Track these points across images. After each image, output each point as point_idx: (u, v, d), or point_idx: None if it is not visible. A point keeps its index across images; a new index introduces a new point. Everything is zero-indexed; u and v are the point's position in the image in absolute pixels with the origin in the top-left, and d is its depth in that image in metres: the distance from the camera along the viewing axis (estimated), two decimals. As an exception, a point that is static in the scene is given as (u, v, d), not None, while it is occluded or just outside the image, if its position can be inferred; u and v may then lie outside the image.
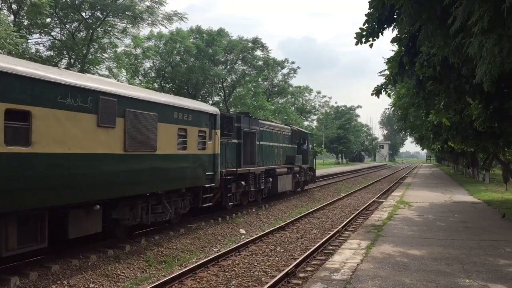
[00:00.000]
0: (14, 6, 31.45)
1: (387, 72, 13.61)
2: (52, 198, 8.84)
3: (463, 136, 19.85)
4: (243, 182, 18.46)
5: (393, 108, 25.34)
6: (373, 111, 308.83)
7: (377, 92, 12.63)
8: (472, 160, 40.75)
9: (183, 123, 13.37)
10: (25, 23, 32.94)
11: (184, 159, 13.52)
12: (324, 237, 13.64)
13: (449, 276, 7.98)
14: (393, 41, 10.90)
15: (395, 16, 9.77)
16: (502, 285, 7.39)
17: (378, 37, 10.41)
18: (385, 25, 10.20)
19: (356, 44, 10.49)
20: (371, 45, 10.66)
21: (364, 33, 10.40)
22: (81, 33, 36.67)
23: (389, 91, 12.53)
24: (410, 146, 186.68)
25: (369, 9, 10.11)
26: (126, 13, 35.58)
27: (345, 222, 16.31)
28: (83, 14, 35.21)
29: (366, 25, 10.30)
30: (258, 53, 52.71)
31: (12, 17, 30.99)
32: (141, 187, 11.58)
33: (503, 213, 16.06)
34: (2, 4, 30.60)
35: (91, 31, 35.02)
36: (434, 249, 10.25)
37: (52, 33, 35.73)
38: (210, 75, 47.74)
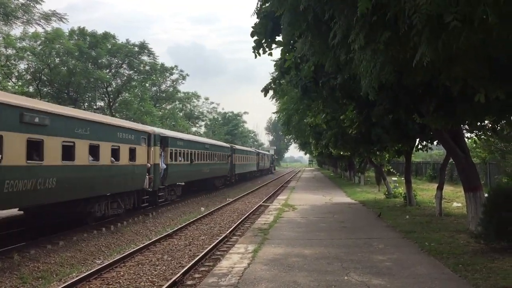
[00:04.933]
0: None
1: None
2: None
3: (343, 142, 21.16)
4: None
5: (278, 115, 26.36)
6: (259, 118, 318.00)
7: (266, 90, 13.37)
8: (349, 164, 43.53)
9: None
10: None
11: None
12: (212, 243, 13.66)
13: (330, 274, 8.43)
14: (277, 43, 11.64)
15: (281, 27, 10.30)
16: (377, 279, 7.99)
17: (271, 47, 11.57)
18: (274, 36, 11.17)
19: (255, 57, 11.59)
20: (270, 54, 11.80)
21: (256, 45, 11.45)
22: None
23: (275, 93, 13.44)
24: (294, 151, 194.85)
25: (253, 28, 11.27)
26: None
27: (233, 227, 16.50)
28: None
29: (257, 38, 11.40)
30: (145, 58, 51.44)
31: None
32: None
33: (379, 212, 17.34)
34: None
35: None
36: (317, 249, 10.77)
37: None
38: (93, 78, 45.40)
